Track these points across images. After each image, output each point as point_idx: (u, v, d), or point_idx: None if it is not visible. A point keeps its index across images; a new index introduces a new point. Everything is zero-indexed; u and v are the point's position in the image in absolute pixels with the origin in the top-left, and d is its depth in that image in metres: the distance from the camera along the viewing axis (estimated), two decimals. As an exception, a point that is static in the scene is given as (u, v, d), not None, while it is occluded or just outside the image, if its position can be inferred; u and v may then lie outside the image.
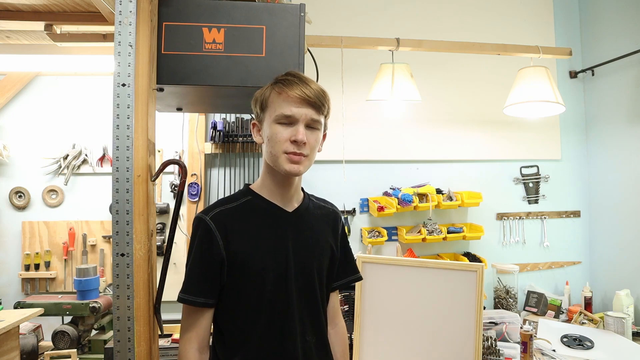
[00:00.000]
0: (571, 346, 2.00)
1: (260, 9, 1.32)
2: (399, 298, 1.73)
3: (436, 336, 1.66)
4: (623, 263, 2.47)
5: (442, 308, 1.67)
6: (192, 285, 1.08)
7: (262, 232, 1.11)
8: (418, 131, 2.64)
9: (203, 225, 1.08)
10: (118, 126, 1.13)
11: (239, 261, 1.08)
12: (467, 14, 2.71)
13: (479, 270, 1.63)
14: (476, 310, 1.61)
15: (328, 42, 2.03)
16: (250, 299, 1.09)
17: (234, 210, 1.12)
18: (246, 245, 1.09)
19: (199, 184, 2.47)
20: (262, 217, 1.13)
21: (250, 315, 1.09)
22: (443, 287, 1.67)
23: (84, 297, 2.06)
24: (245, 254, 1.08)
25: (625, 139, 2.46)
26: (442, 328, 1.65)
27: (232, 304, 1.10)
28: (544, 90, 2.13)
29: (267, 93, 1.11)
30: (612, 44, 2.54)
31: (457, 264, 1.70)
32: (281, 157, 1.07)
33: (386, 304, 1.74)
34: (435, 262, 1.73)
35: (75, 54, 2.05)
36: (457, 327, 1.63)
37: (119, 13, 1.14)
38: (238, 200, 1.15)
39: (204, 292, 1.08)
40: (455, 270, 1.67)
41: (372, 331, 1.75)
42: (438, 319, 1.66)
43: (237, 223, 1.10)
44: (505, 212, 2.69)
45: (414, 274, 1.72)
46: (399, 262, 1.76)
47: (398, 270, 1.74)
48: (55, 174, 2.45)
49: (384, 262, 1.77)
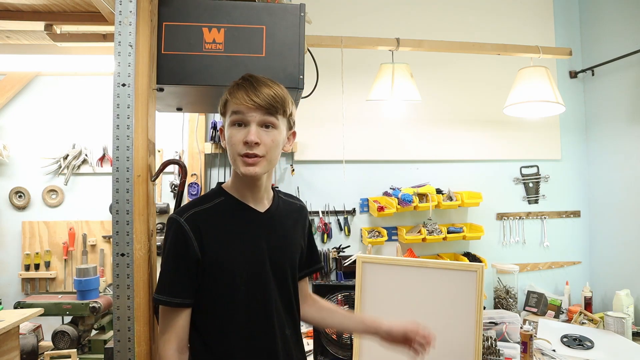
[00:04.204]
0: (571, 346, 2.00)
1: (260, 9, 1.32)
2: (398, 298, 1.72)
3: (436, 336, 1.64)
4: (623, 263, 2.47)
5: (442, 308, 1.65)
6: (168, 286, 1.07)
7: (236, 233, 1.11)
8: (418, 131, 2.64)
9: (177, 227, 1.06)
10: (118, 126, 1.13)
11: (214, 262, 1.08)
12: (467, 14, 2.71)
13: (479, 270, 1.63)
14: (476, 310, 1.60)
15: (328, 42, 2.03)
16: (225, 298, 1.09)
17: (207, 211, 1.11)
18: (220, 247, 1.08)
19: (199, 184, 2.47)
20: (236, 218, 1.12)
21: (227, 315, 1.09)
22: (443, 287, 1.66)
23: (84, 297, 2.06)
24: (219, 254, 1.08)
25: (625, 139, 2.46)
26: (442, 328, 1.61)
27: (209, 304, 1.09)
28: (544, 90, 2.13)
29: (224, 98, 1.10)
30: (612, 44, 2.54)
31: (457, 264, 1.70)
32: (237, 159, 1.07)
33: (386, 304, 1.73)
34: (435, 262, 1.73)
35: (75, 54, 2.05)
36: (457, 327, 1.62)
37: (119, 13, 1.14)
38: (212, 200, 1.13)
39: (181, 292, 1.06)
40: (455, 270, 1.67)
41: None
42: (438, 319, 1.64)
43: (211, 224, 1.09)
44: (505, 212, 2.69)
45: (413, 274, 1.71)
46: (398, 262, 1.76)
47: (398, 270, 1.73)
48: (55, 174, 2.45)
49: (383, 262, 1.76)
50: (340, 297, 1.94)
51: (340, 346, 1.89)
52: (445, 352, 1.61)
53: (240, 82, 1.08)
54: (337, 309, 1.41)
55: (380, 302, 1.74)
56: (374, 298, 1.75)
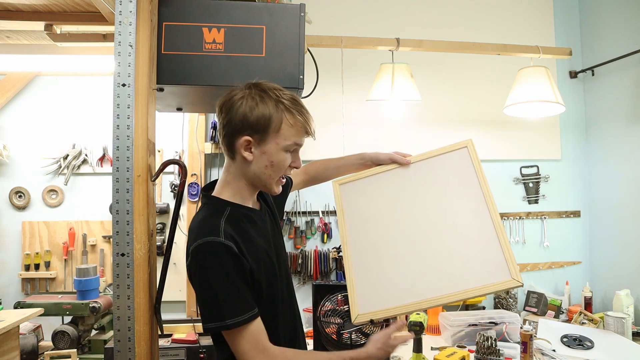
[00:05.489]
0: (571, 346, 2.00)
1: (260, 9, 1.32)
2: (390, 210, 1.39)
3: (444, 235, 1.30)
4: (623, 263, 2.47)
5: (443, 200, 1.36)
6: (237, 307, 1.01)
7: (256, 236, 1.12)
8: (418, 131, 2.64)
9: (223, 248, 1.00)
10: (118, 126, 1.13)
11: (257, 267, 1.06)
12: (467, 14, 2.70)
13: (468, 145, 1.42)
14: (481, 186, 1.35)
15: (328, 42, 2.04)
16: (270, 297, 1.11)
17: (228, 222, 1.08)
18: (254, 251, 1.07)
19: (199, 184, 2.47)
20: (249, 222, 1.12)
21: (271, 312, 1.11)
22: (436, 179, 1.39)
23: (84, 297, 2.06)
24: (257, 258, 1.07)
25: (625, 139, 2.46)
26: (451, 220, 1.32)
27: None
28: (544, 90, 2.13)
29: (275, 115, 1.06)
30: (612, 44, 2.54)
31: (442, 148, 1.45)
32: (276, 180, 1.12)
33: (378, 222, 1.39)
34: (418, 156, 1.47)
35: (75, 54, 2.05)
36: (466, 212, 1.32)
37: (119, 13, 1.14)
38: (223, 213, 1.08)
39: (249, 306, 1.03)
40: (442, 155, 1.43)
41: (366, 263, 1.33)
42: (442, 214, 1.34)
43: (238, 233, 1.06)
44: (505, 212, 2.69)
45: (399, 177, 1.43)
46: (379, 170, 1.47)
47: (381, 180, 1.45)
48: (55, 174, 2.45)
49: (363, 177, 1.49)
50: (340, 297, 1.93)
51: (340, 346, 1.89)
52: (464, 238, 1.28)
53: (299, 108, 1.09)
54: (325, 163, 1.58)
55: (371, 221, 1.40)
56: (363, 220, 1.41)
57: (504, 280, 1.18)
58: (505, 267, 1.19)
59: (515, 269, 1.17)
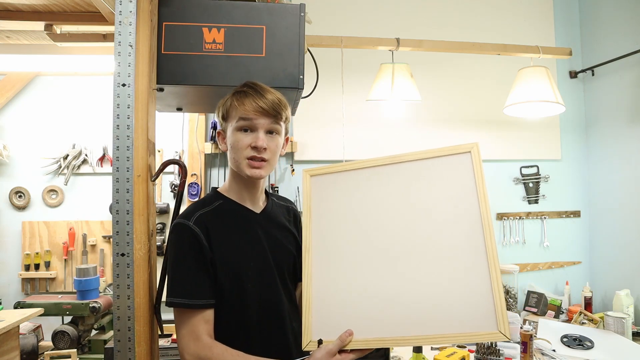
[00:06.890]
0: (571, 346, 2.00)
1: (260, 9, 1.32)
2: (368, 213, 1.15)
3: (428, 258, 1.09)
4: (623, 263, 2.47)
5: (430, 216, 1.12)
6: (186, 289, 1.07)
7: (239, 233, 1.16)
8: (418, 131, 2.64)
9: (187, 230, 1.10)
10: (118, 126, 1.13)
11: (223, 261, 1.11)
12: (467, 14, 2.71)
13: (473, 150, 1.15)
14: (480, 202, 1.12)
15: (328, 42, 2.03)
16: (236, 296, 1.12)
17: (210, 213, 1.15)
18: (227, 246, 1.13)
19: (199, 184, 2.47)
20: (236, 218, 1.18)
21: (241, 311, 1.13)
22: (429, 185, 1.15)
23: (84, 297, 2.06)
24: (227, 253, 1.12)
25: (625, 139, 2.46)
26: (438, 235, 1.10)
27: (222, 301, 1.12)
28: (544, 90, 2.13)
29: (228, 103, 1.16)
30: (612, 44, 2.54)
31: (443, 149, 1.19)
32: (243, 162, 1.13)
33: (351, 233, 1.14)
34: (412, 154, 1.20)
35: (75, 54, 2.05)
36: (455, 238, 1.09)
37: (119, 13, 1.14)
38: (211, 204, 1.17)
39: (202, 293, 1.09)
40: (439, 158, 1.17)
41: (331, 279, 1.11)
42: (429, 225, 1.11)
43: (216, 225, 1.13)
44: (505, 212, 2.69)
45: (383, 177, 1.17)
46: (363, 164, 1.20)
47: (361, 177, 1.18)
48: (55, 174, 2.45)
49: (340, 170, 1.21)
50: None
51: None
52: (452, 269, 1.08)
53: (245, 90, 1.14)
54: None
55: (343, 227, 1.15)
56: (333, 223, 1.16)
57: (490, 331, 1.03)
58: (493, 317, 1.03)
59: (504, 321, 1.02)
